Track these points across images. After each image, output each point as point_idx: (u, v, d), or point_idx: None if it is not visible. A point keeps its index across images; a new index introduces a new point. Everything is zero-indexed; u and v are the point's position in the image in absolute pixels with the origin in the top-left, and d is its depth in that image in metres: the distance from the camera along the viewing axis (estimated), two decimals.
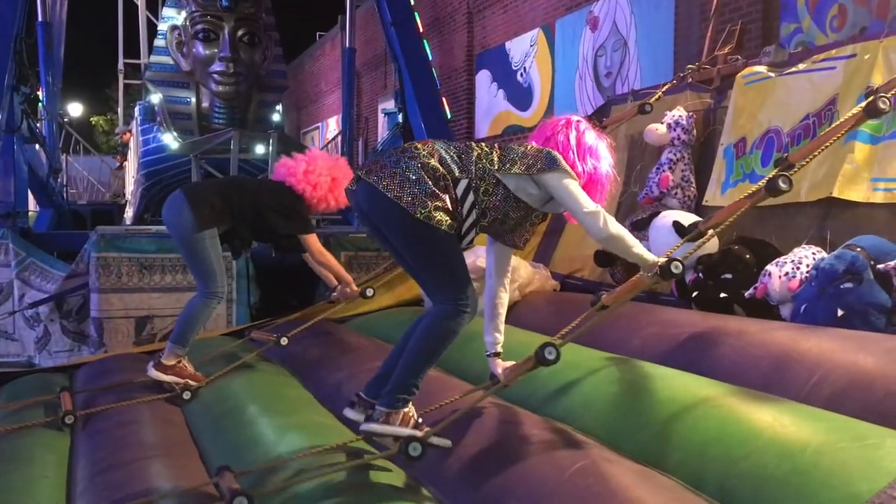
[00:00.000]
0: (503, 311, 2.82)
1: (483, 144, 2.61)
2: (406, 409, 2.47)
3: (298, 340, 4.14)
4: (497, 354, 2.78)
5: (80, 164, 17.94)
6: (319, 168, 4.03)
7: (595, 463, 2.15)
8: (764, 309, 3.31)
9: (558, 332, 2.52)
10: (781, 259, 3.30)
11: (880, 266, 2.91)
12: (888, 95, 2.59)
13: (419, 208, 2.36)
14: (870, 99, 2.63)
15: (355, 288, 4.20)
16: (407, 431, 2.41)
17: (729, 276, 3.53)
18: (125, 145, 14.18)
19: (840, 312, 2.90)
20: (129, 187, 12.03)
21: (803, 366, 2.54)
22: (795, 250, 3.32)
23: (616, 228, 2.49)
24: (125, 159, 14.26)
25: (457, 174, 2.48)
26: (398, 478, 2.44)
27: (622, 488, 1.99)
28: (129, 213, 11.04)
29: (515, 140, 9.58)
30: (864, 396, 2.26)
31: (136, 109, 10.76)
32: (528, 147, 2.61)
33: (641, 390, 2.61)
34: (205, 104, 9.42)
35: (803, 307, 3.07)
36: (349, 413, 2.66)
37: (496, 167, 2.52)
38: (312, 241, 4.05)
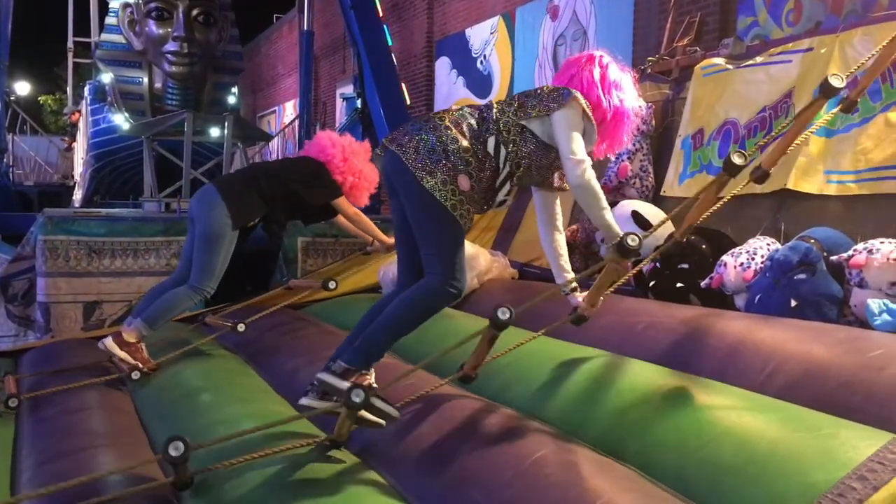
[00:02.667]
0: (563, 251, 2.92)
1: (504, 99, 2.69)
2: (366, 372, 2.47)
3: (253, 327, 4.08)
4: (574, 290, 2.86)
5: (26, 144, 17.47)
6: (359, 153, 4.22)
7: (554, 452, 2.14)
8: (719, 299, 3.34)
9: (527, 324, 2.52)
10: (737, 250, 3.33)
11: (833, 257, 2.96)
12: (841, 74, 2.58)
13: (427, 176, 2.43)
14: (823, 81, 2.60)
15: (388, 240, 4.34)
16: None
17: (685, 266, 3.56)
18: (74, 126, 13.84)
19: (793, 303, 2.94)
20: (78, 169, 11.75)
21: (758, 356, 2.56)
22: (750, 241, 3.36)
23: (594, 183, 2.58)
24: (74, 140, 13.91)
25: (484, 135, 2.55)
26: (354, 467, 2.40)
27: (581, 477, 1.98)
28: (77, 195, 10.80)
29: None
30: (818, 387, 2.29)
31: (86, 89, 10.51)
32: (545, 88, 2.65)
33: (599, 380, 2.61)
34: (157, 85, 9.23)
35: (757, 297, 3.10)
36: (304, 400, 2.62)
37: (518, 115, 2.58)
38: (344, 203, 4.18)
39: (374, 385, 2.50)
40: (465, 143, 2.50)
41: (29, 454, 2.89)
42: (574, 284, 2.85)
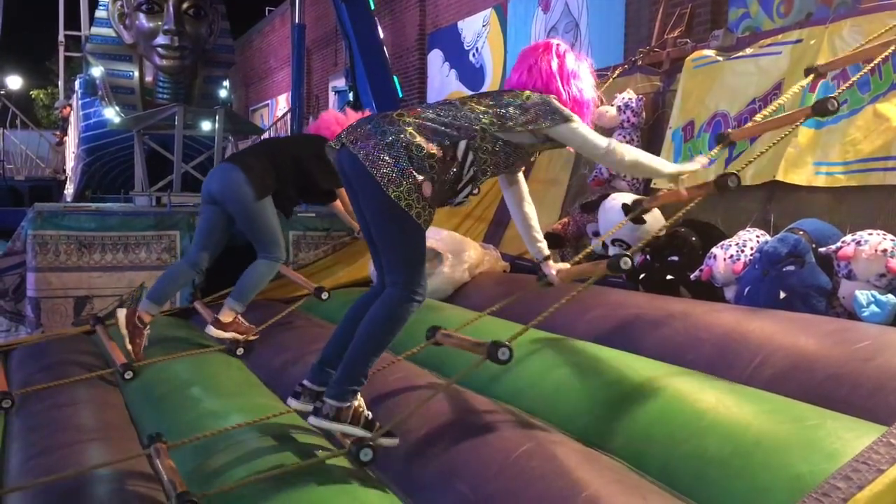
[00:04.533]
0: (534, 223, 2.86)
1: (472, 100, 2.57)
2: (356, 403, 2.42)
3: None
4: (546, 258, 2.83)
5: (18, 139, 17.38)
6: None
7: (540, 445, 2.14)
8: (709, 291, 3.34)
9: (509, 315, 2.51)
10: (726, 242, 3.33)
11: (822, 249, 2.96)
12: (836, 96, 2.61)
13: (392, 186, 2.32)
14: (820, 99, 2.63)
15: None
16: (359, 432, 2.36)
17: (675, 258, 3.56)
18: (65, 120, 13.78)
19: (782, 295, 2.94)
20: (70, 163, 11.71)
21: (746, 347, 2.56)
22: (740, 233, 3.36)
23: (634, 153, 2.56)
24: (65, 134, 13.86)
25: (453, 138, 2.43)
26: (342, 460, 2.40)
27: (567, 469, 1.98)
28: (69, 189, 10.78)
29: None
30: (805, 378, 2.29)
31: (77, 83, 10.47)
32: (525, 98, 2.54)
33: (587, 372, 2.61)
34: (148, 78, 9.20)
35: (747, 289, 3.10)
36: (293, 403, 2.60)
37: (496, 127, 2.48)
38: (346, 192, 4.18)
39: (368, 413, 2.45)
40: (430, 148, 2.39)
41: (18, 449, 2.88)
42: (546, 253, 2.85)
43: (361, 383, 2.43)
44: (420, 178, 2.35)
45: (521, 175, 2.84)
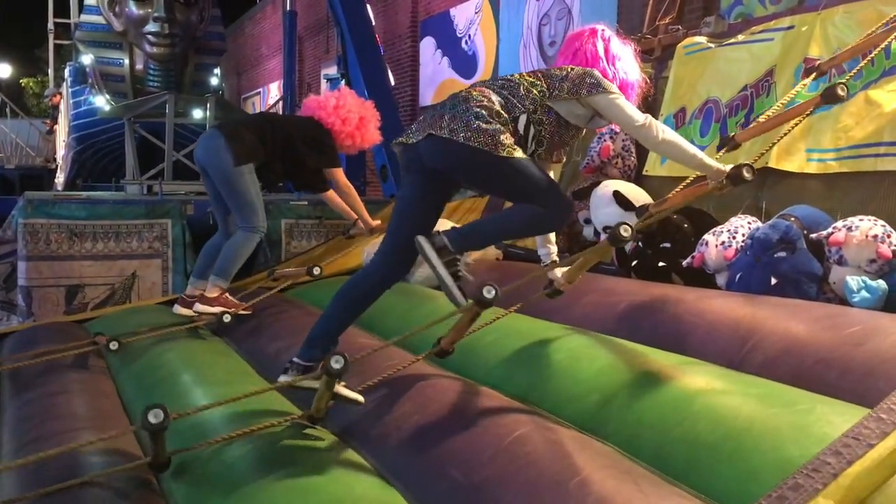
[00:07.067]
0: None
1: (526, 75, 2.65)
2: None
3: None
4: (553, 263, 2.86)
5: (8, 128, 17.29)
6: (349, 105, 4.21)
7: (533, 430, 2.15)
8: (701, 277, 3.35)
9: (503, 301, 2.51)
10: (718, 228, 3.34)
11: (813, 235, 2.97)
12: (845, 81, 2.60)
13: (474, 136, 2.40)
14: (829, 85, 2.59)
15: (371, 222, 4.41)
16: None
17: (667, 245, 3.57)
18: (56, 108, 13.70)
19: (773, 281, 2.95)
20: (60, 151, 11.65)
21: (737, 333, 2.57)
22: (732, 220, 3.37)
23: (670, 135, 2.56)
24: (55, 123, 13.77)
25: (515, 112, 2.53)
26: (334, 446, 2.41)
27: (559, 455, 1.99)
28: (60, 178, 10.73)
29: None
30: (796, 363, 2.30)
31: (67, 71, 10.40)
32: (570, 70, 2.63)
33: (580, 358, 2.62)
34: (139, 66, 9.16)
35: (738, 276, 3.11)
36: (282, 378, 2.63)
37: (546, 96, 2.57)
38: (339, 174, 4.24)
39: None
40: (496, 124, 2.48)
41: (10, 438, 2.88)
42: (554, 258, 2.87)
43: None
44: (506, 130, 2.45)
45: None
